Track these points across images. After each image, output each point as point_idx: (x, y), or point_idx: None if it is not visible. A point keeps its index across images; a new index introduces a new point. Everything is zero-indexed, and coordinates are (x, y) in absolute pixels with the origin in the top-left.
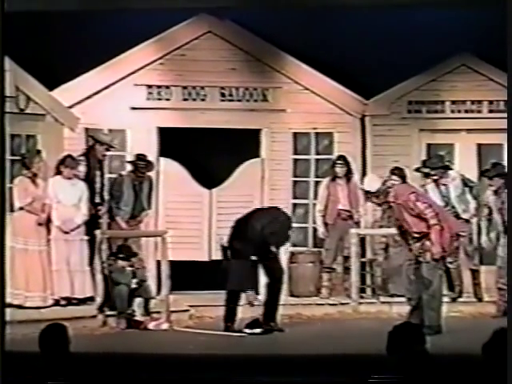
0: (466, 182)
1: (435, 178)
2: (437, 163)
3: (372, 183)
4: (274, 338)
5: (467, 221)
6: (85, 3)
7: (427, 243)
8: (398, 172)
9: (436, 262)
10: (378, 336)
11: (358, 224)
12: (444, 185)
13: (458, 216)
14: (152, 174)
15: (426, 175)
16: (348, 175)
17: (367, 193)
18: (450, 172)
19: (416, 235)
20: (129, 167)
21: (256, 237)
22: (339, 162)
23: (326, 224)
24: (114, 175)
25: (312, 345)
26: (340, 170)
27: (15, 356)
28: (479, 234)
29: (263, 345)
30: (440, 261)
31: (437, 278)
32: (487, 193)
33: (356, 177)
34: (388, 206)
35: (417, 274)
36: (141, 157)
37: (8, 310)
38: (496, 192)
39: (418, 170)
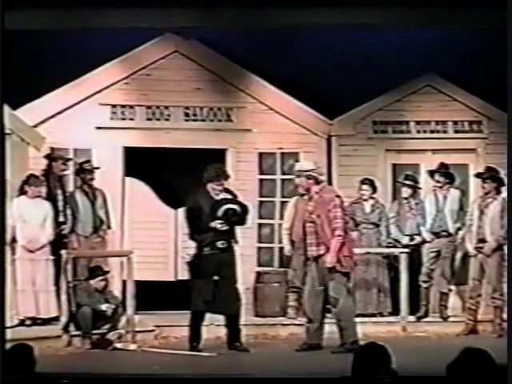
0: (462, 205)
1: (439, 185)
2: (447, 171)
3: (305, 164)
4: (239, 359)
5: (451, 239)
6: (49, 22)
7: (324, 253)
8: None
9: (339, 275)
10: (344, 355)
11: None
12: (444, 197)
13: (443, 231)
14: (103, 188)
15: (437, 182)
16: None
17: (298, 171)
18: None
19: (321, 234)
20: (78, 182)
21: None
22: None
23: (292, 242)
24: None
25: (278, 365)
26: None
27: None
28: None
29: (228, 365)
30: (345, 277)
31: (343, 295)
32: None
33: None
34: (309, 198)
35: (323, 293)
36: (84, 163)
37: None
38: (486, 194)
39: (432, 172)
